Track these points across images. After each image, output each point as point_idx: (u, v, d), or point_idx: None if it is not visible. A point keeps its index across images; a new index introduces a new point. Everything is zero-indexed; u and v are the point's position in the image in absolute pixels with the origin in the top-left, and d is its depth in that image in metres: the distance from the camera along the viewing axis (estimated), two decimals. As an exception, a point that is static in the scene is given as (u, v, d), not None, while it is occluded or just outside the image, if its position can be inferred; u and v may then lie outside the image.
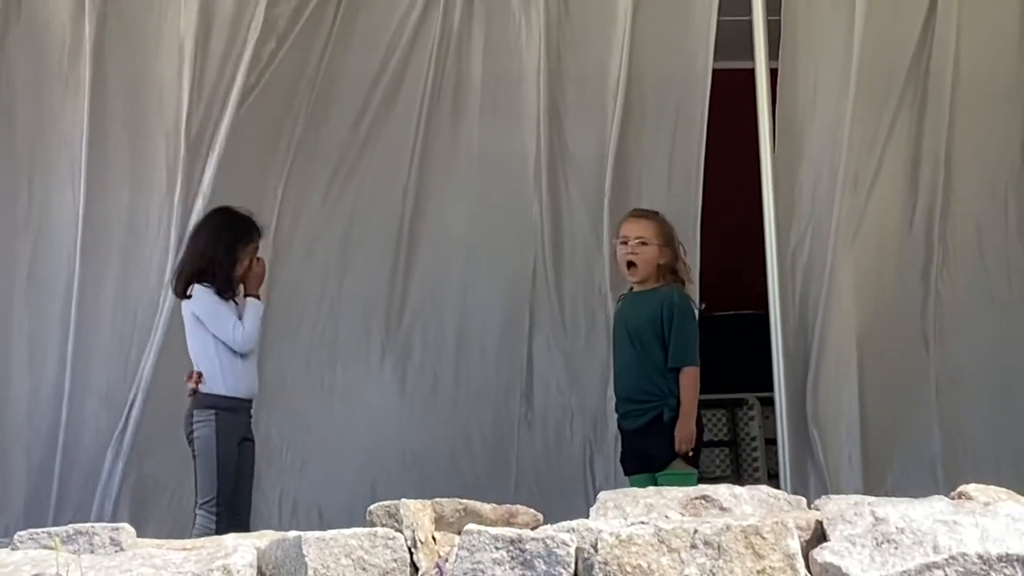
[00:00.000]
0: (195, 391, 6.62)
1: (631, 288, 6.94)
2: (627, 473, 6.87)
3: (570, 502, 6.92)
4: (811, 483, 7.35)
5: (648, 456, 6.73)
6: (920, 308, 7.82)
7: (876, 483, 7.45)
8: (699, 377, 6.74)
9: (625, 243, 6.88)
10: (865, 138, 7.61)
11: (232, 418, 6.64)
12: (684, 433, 6.66)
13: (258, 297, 6.80)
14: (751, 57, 7.19)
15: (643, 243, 6.85)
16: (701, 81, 7.69)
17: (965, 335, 7.85)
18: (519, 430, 7.78)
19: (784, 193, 7.31)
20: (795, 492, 6.80)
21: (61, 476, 7.20)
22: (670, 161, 7.78)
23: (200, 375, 6.63)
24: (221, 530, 6.08)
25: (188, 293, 6.68)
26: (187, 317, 6.70)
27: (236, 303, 6.72)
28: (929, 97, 7.78)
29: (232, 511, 6.57)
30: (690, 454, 6.71)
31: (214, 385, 6.63)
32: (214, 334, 6.65)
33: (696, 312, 6.85)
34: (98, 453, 7.20)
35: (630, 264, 6.85)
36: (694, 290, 7.20)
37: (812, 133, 7.65)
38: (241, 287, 6.77)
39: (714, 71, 7.75)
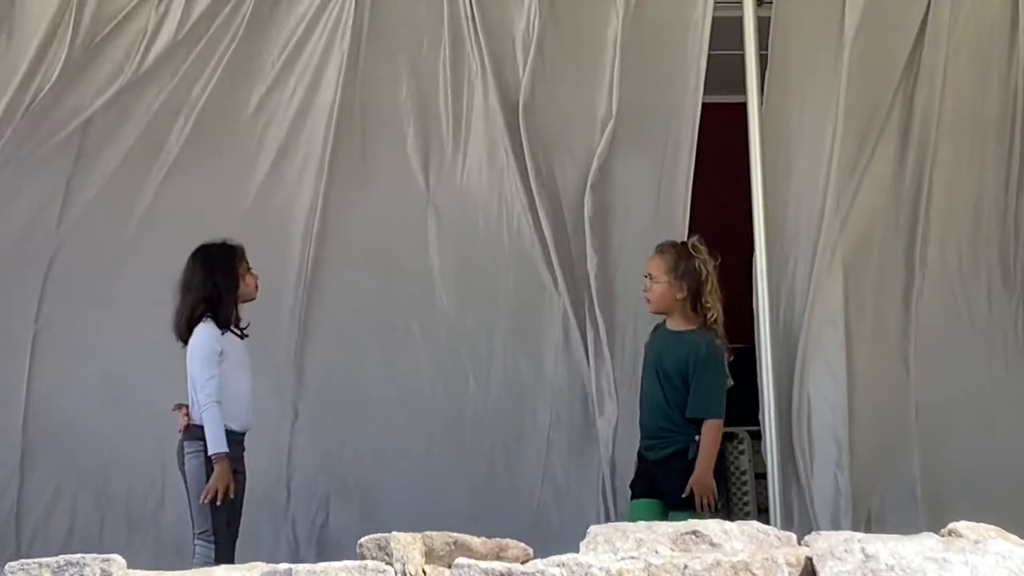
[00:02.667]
0: (187, 424, 6.60)
1: (664, 320, 6.94)
2: (633, 497, 6.88)
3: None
4: (796, 514, 7.40)
5: (663, 489, 6.75)
6: (901, 331, 7.85)
7: (860, 508, 7.53)
8: (718, 430, 6.74)
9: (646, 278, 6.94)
10: (847, 165, 7.67)
11: None
12: (701, 487, 6.66)
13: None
14: (734, 91, 7.25)
15: (649, 279, 6.88)
16: (691, 112, 7.72)
17: (944, 358, 7.94)
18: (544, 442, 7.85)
19: (771, 227, 7.35)
20: (785, 526, 6.88)
21: None
22: (657, 193, 7.82)
23: (188, 408, 6.61)
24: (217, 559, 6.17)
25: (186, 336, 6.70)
26: (188, 353, 6.71)
27: (237, 334, 6.73)
28: (913, 126, 7.86)
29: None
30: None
31: None
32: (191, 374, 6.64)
33: (723, 361, 6.83)
34: None
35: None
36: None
37: (798, 164, 7.70)
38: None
39: (705, 104, 7.81)
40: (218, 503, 6.50)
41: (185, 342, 6.75)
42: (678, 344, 6.81)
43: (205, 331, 6.66)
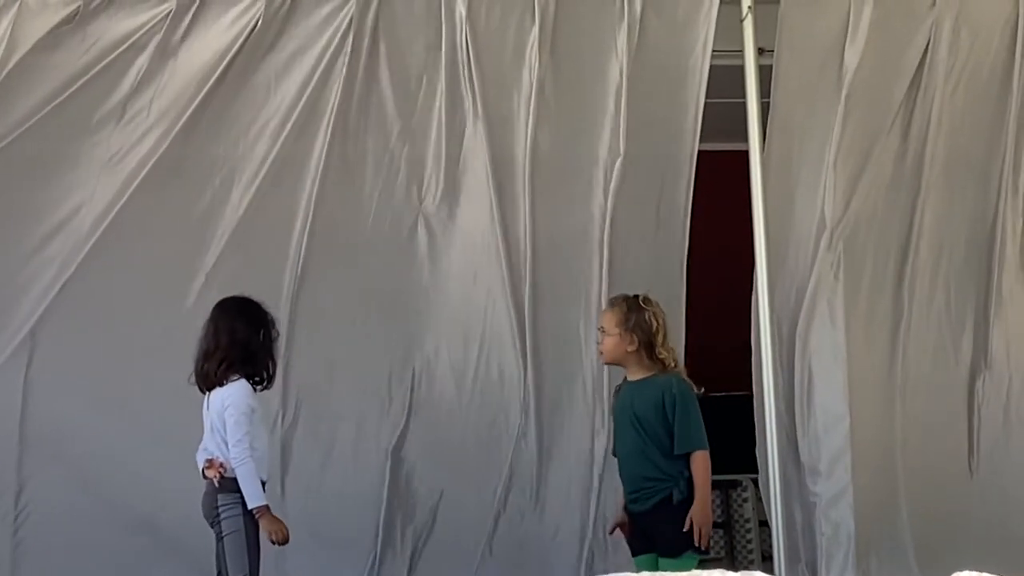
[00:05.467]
0: (221, 477, 6.63)
1: (625, 378, 6.99)
2: (634, 554, 6.90)
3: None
4: (803, 559, 7.39)
5: (655, 538, 6.75)
6: (888, 364, 7.94)
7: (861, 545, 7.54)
8: (709, 460, 6.76)
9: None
10: (840, 203, 7.74)
11: None
12: (701, 518, 6.66)
13: None
14: (736, 139, 7.31)
15: (602, 332, 6.95)
16: (688, 156, 7.76)
17: (930, 391, 8.03)
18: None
19: (773, 273, 7.39)
20: (789, 571, 6.88)
21: None
22: (655, 235, 7.85)
23: (223, 465, 6.65)
24: None
25: (222, 382, 6.70)
26: (217, 406, 6.70)
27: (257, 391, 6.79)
28: (906, 164, 7.97)
29: None
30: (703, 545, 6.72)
31: None
32: (225, 433, 6.66)
33: (695, 397, 6.86)
34: None
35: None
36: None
37: (799, 209, 7.76)
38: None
39: (708, 152, 7.85)
40: (287, 542, 6.62)
41: (204, 387, 6.76)
42: (646, 389, 6.84)
43: (243, 389, 6.69)
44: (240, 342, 6.73)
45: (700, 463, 6.74)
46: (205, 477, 6.69)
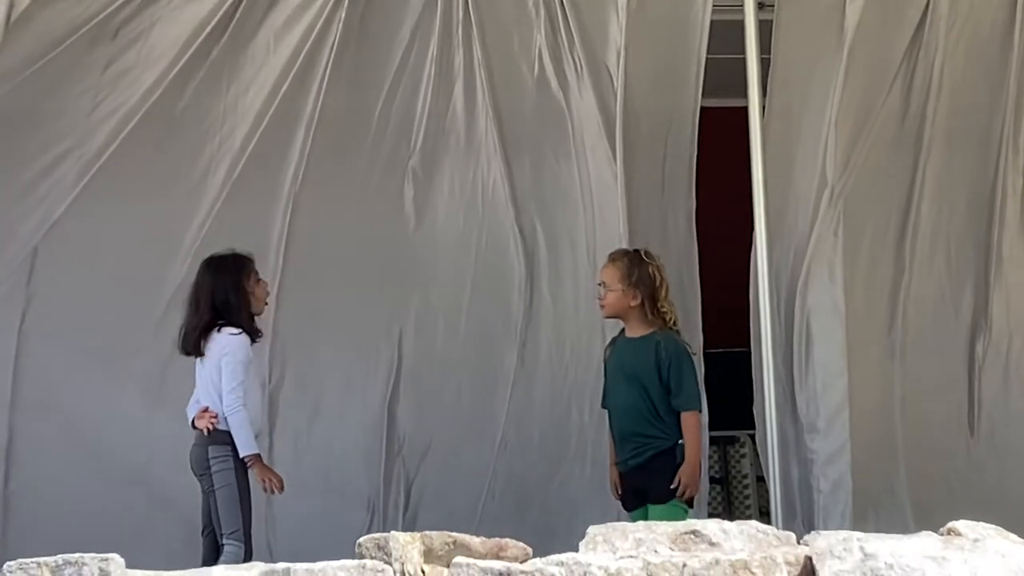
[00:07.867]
0: (212, 429, 6.64)
1: (622, 331, 6.96)
2: (628, 509, 6.87)
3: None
4: (799, 513, 7.41)
5: (648, 491, 6.74)
6: (888, 323, 7.92)
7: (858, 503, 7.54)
8: (699, 422, 6.77)
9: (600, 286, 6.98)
10: (842, 161, 7.70)
11: None
12: (689, 477, 6.65)
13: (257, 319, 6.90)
14: (736, 95, 7.28)
15: (603, 287, 6.89)
16: (690, 117, 7.76)
17: (930, 350, 8.03)
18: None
19: (772, 230, 7.36)
20: (786, 527, 6.88)
21: None
22: (662, 199, 7.84)
23: (215, 416, 6.65)
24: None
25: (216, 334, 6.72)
26: (213, 356, 6.72)
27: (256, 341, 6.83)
28: (907, 122, 7.95)
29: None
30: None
31: None
32: (221, 383, 6.68)
33: (691, 356, 6.86)
34: None
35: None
36: (696, 331, 7.31)
37: (799, 166, 7.73)
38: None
39: (708, 109, 7.82)
40: (282, 490, 6.69)
41: (192, 353, 6.78)
42: (642, 348, 6.81)
43: (241, 340, 6.73)
44: (220, 302, 6.75)
45: (691, 425, 6.73)
46: (195, 427, 6.71)
